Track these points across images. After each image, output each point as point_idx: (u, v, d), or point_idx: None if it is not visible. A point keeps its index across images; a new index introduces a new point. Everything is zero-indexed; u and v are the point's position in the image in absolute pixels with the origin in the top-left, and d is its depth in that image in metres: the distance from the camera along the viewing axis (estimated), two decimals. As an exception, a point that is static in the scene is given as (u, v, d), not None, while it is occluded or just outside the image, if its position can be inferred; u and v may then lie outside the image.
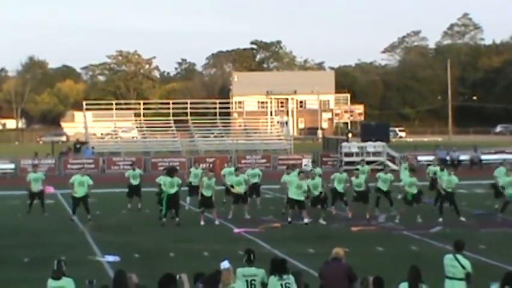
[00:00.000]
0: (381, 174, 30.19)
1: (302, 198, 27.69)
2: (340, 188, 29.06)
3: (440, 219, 27.27)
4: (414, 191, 27.82)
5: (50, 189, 36.63)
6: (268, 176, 36.40)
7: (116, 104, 70.79)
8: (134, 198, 31.87)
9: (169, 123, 64.50)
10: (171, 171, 28.70)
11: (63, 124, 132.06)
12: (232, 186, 29.72)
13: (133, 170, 33.03)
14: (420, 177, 29.70)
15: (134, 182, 32.13)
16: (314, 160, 52.88)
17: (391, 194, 29.68)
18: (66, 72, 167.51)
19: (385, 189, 29.56)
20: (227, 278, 11.94)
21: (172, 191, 27.62)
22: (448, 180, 28.52)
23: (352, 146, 55.43)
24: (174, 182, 27.81)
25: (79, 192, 28.49)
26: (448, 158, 54.72)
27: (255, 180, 32.02)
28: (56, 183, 38.85)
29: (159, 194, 28.82)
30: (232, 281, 11.99)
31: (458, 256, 13.56)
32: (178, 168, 36.44)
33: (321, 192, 28.08)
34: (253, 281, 12.67)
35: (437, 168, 32.06)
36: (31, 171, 32.01)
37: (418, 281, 12.16)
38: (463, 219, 27.66)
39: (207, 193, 27.63)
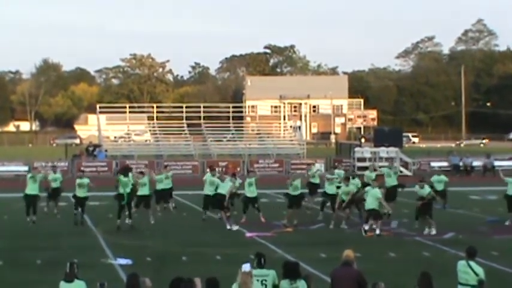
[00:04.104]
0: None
1: (254, 195, 28.64)
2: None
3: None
4: (346, 198, 27.71)
5: None
6: (280, 181, 36.34)
7: (130, 107, 70.98)
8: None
9: (182, 127, 64.59)
10: (124, 171, 28.13)
11: (76, 127, 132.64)
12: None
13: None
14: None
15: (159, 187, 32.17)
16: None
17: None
18: (80, 75, 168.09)
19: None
20: (245, 281, 11.94)
21: (127, 191, 27.23)
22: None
23: (365, 151, 55.39)
24: (128, 181, 27.39)
25: (31, 189, 28.46)
26: (461, 164, 54.64)
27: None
28: (69, 186, 38.87)
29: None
30: (251, 285, 12.00)
31: (471, 263, 13.52)
32: (132, 167, 35.41)
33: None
34: (264, 281, 12.74)
35: (373, 174, 31.28)
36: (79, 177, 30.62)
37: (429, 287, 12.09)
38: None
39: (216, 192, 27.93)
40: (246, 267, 12.08)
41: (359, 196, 27.81)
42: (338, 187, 28.97)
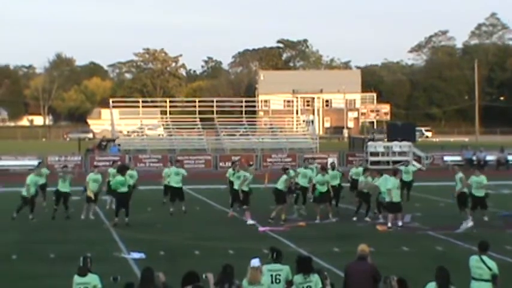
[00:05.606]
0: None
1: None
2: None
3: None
4: (323, 189, 27.85)
5: None
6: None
7: (143, 101, 71.10)
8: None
9: (195, 121, 64.61)
10: (121, 169, 28.09)
11: (89, 121, 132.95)
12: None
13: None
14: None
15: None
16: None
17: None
18: (94, 69, 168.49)
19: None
20: (254, 276, 11.97)
21: (123, 189, 27.09)
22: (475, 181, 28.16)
23: (378, 145, 55.28)
24: (126, 180, 27.28)
25: (32, 191, 28.59)
26: (474, 158, 54.45)
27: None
28: (82, 181, 38.97)
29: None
30: (261, 280, 12.03)
31: (484, 257, 13.46)
32: (130, 166, 35.07)
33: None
34: (277, 276, 12.76)
35: (360, 169, 30.85)
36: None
37: (447, 282, 11.98)
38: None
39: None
40: (255, 262, 12.10)
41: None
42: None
